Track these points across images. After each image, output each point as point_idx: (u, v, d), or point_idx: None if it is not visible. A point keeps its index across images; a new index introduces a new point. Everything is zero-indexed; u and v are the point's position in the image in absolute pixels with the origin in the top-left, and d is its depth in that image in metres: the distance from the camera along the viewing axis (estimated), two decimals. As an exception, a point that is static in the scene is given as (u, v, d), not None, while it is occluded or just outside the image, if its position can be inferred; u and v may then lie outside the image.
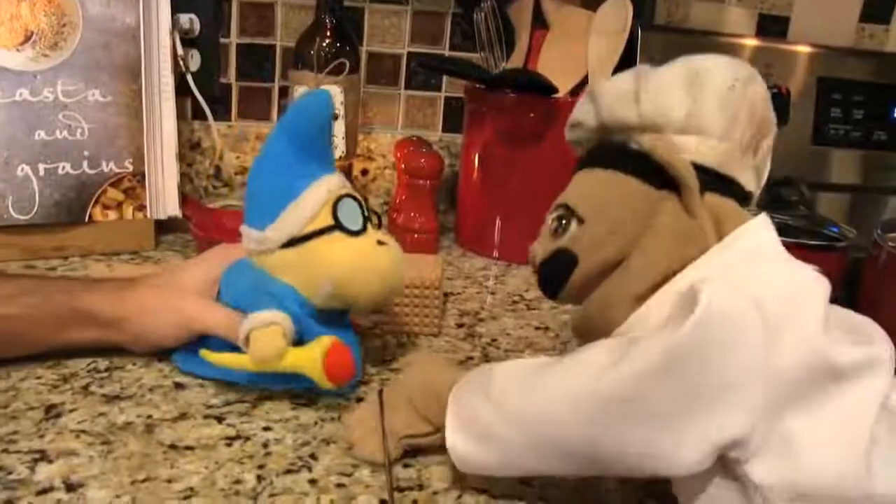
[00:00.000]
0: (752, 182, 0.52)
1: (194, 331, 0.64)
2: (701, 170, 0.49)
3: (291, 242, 0.61)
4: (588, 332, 0.51)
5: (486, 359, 0.73)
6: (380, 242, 0.62)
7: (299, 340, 0.61)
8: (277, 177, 0.62)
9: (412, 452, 0.56)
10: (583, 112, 0.56)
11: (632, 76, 0.52)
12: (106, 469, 0.51)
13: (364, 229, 0.62)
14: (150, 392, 0.61)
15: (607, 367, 0.43)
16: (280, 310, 0.60)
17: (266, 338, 0.59)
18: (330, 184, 0.62)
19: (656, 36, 1.18)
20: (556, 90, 0.97)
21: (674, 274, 0.47)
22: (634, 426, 0.42)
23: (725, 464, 0.43)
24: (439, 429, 0.53)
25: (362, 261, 0.61)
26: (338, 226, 0.61)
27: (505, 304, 0.88)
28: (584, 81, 1.05)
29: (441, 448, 0.53)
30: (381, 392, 0.59)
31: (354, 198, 0.63)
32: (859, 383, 0.44)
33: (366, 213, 0.63)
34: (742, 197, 0.51)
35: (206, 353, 0.61)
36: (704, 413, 0.41)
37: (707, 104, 0.49)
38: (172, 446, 0.54)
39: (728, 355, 0.41)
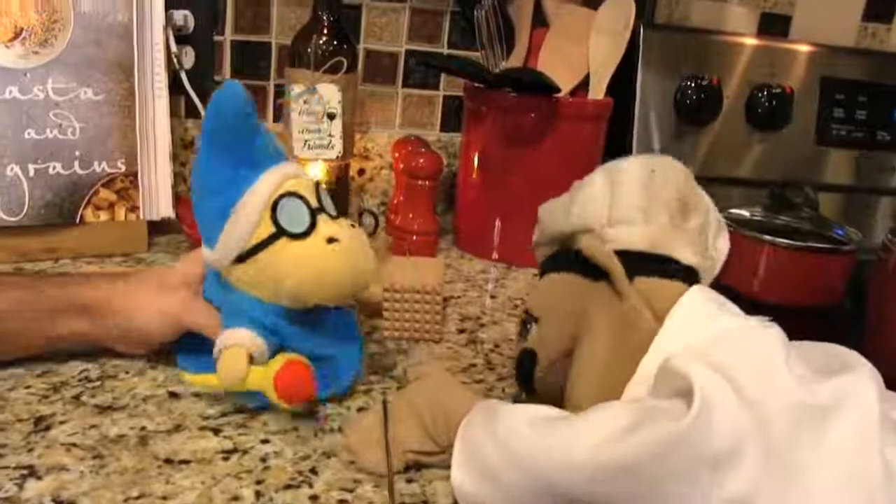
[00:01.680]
0: (692, 257, 0.55)
1: (181, 327, 0.62)
2: (634, 256, 0.54)
3: (241, 258, 0.58)
4: None
5: (489, 366, 0.72)
6: (331, 240, 0.58)
7: (280, 347, 0.60)
8: (209, 193, 0.58)
9: (416, 466, 0.54)
10: (535, 235, 0.64)
11: (568, 193, 0.60)
12: (97, 485, 0.49)
13: (312, 226, 0.58)
14: (143, 402, 0.59)
15: (617, 435, 0.43)
16: (249, 324, 0.59)
17: (229, 360, 0.57)
18: (265, 186, 0.58)
19: (657, 34, 1.16)
20: (558, 89, 0.95)
21: (625, 359, 0.50)
22: (640, 490, 0.43)
23: None
24: (444, 450, 0.52)
25: (313, 266, 0.58)
26: (280, 232, 0.58)
27: (506, 308, 0.86)
28: (585, 80, 1.03)
29: (440, 465, 0.53)
30: (385, 402, 0.58)
31: (295, 194, 0.59)
32: (845, 413, 0.44)
33: (314, 206, 0.59)
34: (685, 272, 0.54)
35: (186, 376, 0.61)
36: (707, 478, 0.42)
37: (625, 197, 0.56)
38: (167, 460, 0.52)
39: (726, 434, 0.41)
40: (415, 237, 0.99)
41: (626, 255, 0.53)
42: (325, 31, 1.00)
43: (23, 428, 0.54)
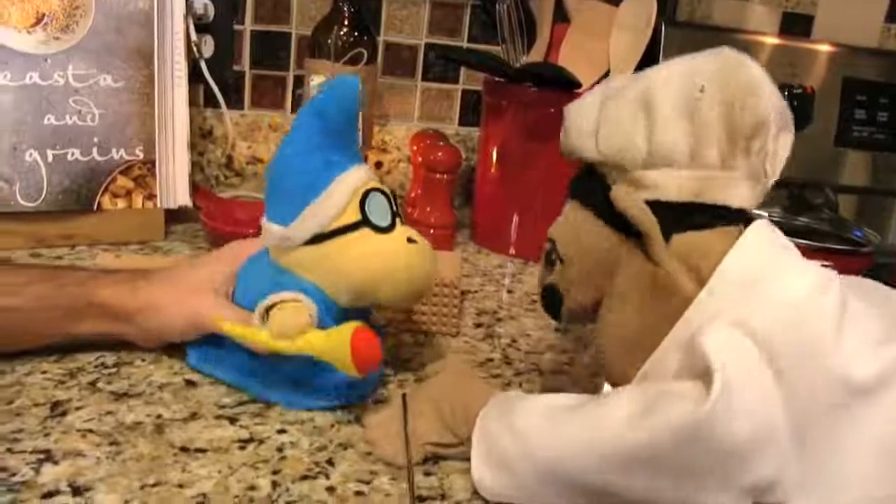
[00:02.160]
0: (746, 196, 0.47)
1: (206, 330, 0.61)
2: (674, 207, 0.46)
3: (316, 239, 0.57)
4: (609, 382, 0.52)
5: (507, 360, 0.71)
6: (410, 240, 0.59)
7: None
8: (303, 168, 0.58)
9: (434, 460, 0.54)
10: (562, 139, 0.54)
11: (596, 102, 0.50)
12: (114, 471, 0.48)
13: (393, 225, 0.59)
14: (159, 390, 0.59)
15: (632, 422, 0.42)
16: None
17: (291, 311, 0.56)
18: (358, 176, 0.58)
19: (679, 32, 1.16)
20: (578, 85, 0.94)
21: (658, 327, 0.46)
22: (661, 480, 0.42)
23: None
24: (463, 442, 0.52)
25: (392, 261, 0.58)
26: (365, 222, 0.58)
27: (524, 303, 0.86)
28: (605, 76, 1.02)
29: (459, 457, 0.53)
30: (404, 395, 0.58)
31: (383, 192, 0.60)
32: (889, 392, 0.42)
33: (395, 208, 0.60)
34: (735, 216, 0.47)
35: (223, 324, 0.58)
36: (728, 467, 0.41)
37: (665, 131, 0.46)
38: (183, 448, 0.52)
39: (749, 418, 0.40)
40: (432, 231, 0.98)
41: (664, 207, 0.46)
42: (346, 23, 0.99)
43: (39, 413, 0.54)
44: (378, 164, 1.18)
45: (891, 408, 0.42)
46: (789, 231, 0.89)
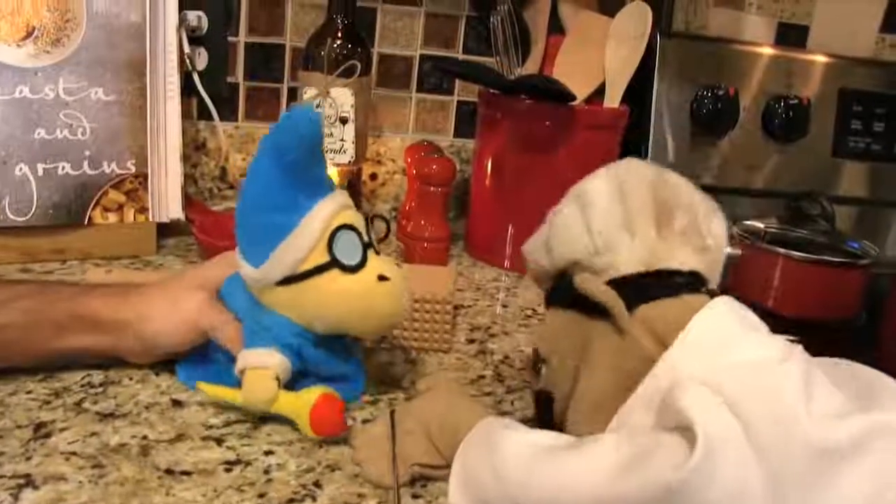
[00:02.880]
0: (692, 259, 0.52)
1: (196, 332, 0.61)
2: (632, 281, 0.51)
3: (287, 280, 0.57)
4: None
5: (499, 378, 0.70)
6: (381, 277, 0.58)
7: (298, 372, 0.60)
8: (266, 210, 0.57)
9: (422, 482, 0.53)
10: (528, 271, 0.60)
11: (545, 225, 0.57)
12: (96, 496, 0.48)
13: (364, 260, 0.58)
14: (146, 410, 0.58)
15: (615, 474, 0.41)
16: (275, 343, 0.58)
17: (258, 382, 0.57)
18: (324, 214, 0.57)
19: (674, 43, 1.15)
20: (573, 97, 0.94)
21: (626, 385, 0.47)
22: None
23: None
24: (451, 464, 0.51)
25: (362, 302, 0.58)
26: (334, 262, 0.57)
27: (518, 319, 0.85)
28: (601, 88, 1.02)
29: (446, 480, 0.51)
30: (392, 413, 0.57)
31: (352, 227, 0.59)
32: (864, 458, 0.41)
33: (366, 240, 0.60)
34: (689, 279, 0.51)
35: (201, 385, 0.59)
36: None
37: (602, 222, 0.52)
38: (168, 471, 0.51)
39: (727, 483, 0.39)
40: (426, 244, 0.98)
41: (623, 283, 0.51)
42: (340, 35, 0.99)
43: (22, 435, 0.53)
44: (373, 176, 1.17)
45: (868, 473, 0.41)
46: (786, 243, 0.90)
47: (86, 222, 0.87)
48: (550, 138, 0.96)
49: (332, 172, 1.00)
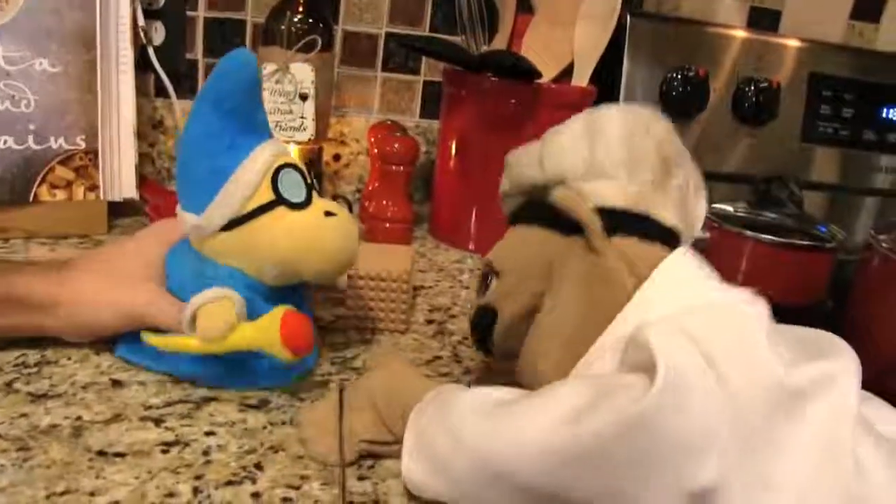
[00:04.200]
0: (673, 218, 0.51)
1: (138, 323, 0.58)
2: (612, 213, 0.49)
3: (231, 224, 0.55)
4: (534, 386, 0.49)
5: (456, 358, 0.68)
6: (328, 213, 0.57)
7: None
8: (207, 155, 0.55)
9: (369, 464, 0.51)
10: (503, 185, 0.60)
11: (540, 140, 0.54)
12: (18, 480, 0.45)
13: (308, 199, 0.57)
14: (82, 390, 0.55)
15: (573, 417, 0.39)
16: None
17: (216, 311, 0.54)
18: (266, 154, 0.56)
19: (645, 23, 1.13)
20: (540, 75, 0.92)
21: (596, 319, 0.46)
22: (599, 478, 0.39)
23: None
24: (400, 440, 0.49)
25: (310, 237, 0.56)
26: (280, 200, 0.56)
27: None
28: (569, 68, 1.00)
29: (396, 456, 0.49)
30: (341, 390, 0.55)
31: (294, 166, 0.58)
32: (823, 401, 0.41)
33: (309, 182, 0.58)
34: (665, 233, 0.50)
35: (148, 336, 0.57)
36: (672, 467, 0.38)
37: (606, 150, 0.51)
38: (101, 453, 0.48)
39: (690, 415, 0.38)
40: (388, 225, 0.95)
41: (603, 212, 0.49)
42: (300, 9, 0.96)
43: (-55, 415, 0.50)
44: (336, 157, 1.14)
45: (818, 420, 0.41)
46: (755, 226, 0.88)
47: (31, 199, 0.84)
48: (516, 117, 0.94)
49: (293, 150, 0.97)
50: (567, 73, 1.00)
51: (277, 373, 0.58)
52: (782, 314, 0.49)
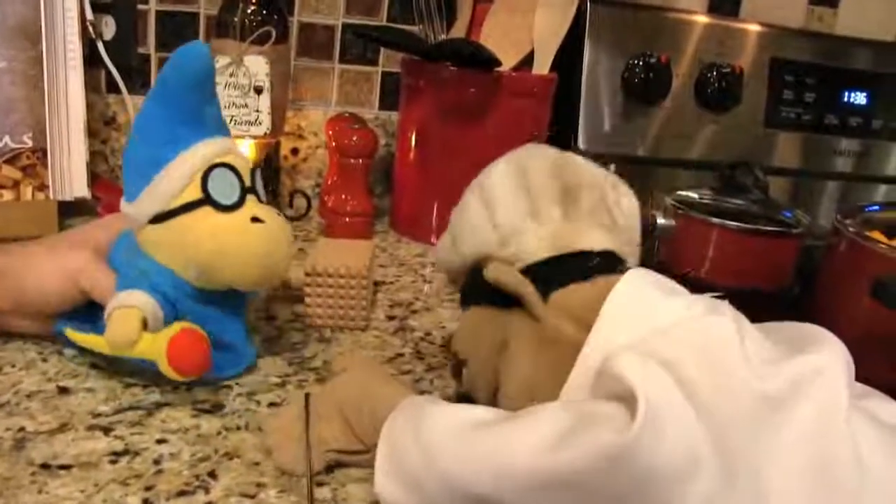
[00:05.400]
0: (603, 239, 0.51)
1: (79, 286, 0.56)
2: (543, 266, 0.49)
3: (159, 218, 0.54)
4: None
5: (419, 355, 0.66)
6: (255, 219, 0.55)
7: (175, 321, 0.55)
8: (147, 143, 0.55)
9: (330, 467, 0.49)
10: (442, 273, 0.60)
11: (448, 229, 0.56)
12: (-47, 497, 0.43)
13: (240, 203, 0.55)
14: (27, 399, 0.53)
15: (551, 445, 0.37)
16: (149, 290, 0.54)
17: (122, 321, 0.53)
18: (203, 151, 0.55)
19: (605, 10, 1.12)
20: (499, 63, 0.90)
21: (554, 380, 0.45)
22: None
23: None
24: (370, 449, 0.47)
25: (232, 242, 0.54)
26: (207, 200, 0.54)
27: (441, 294, 0.81)
28: (529, 56, 0.98)
29: (364, 465, 0.47)
30: (307, 395, 0.52)
31: (230, 167, 0.56)
32: (806, 399, 0.40)
33: (247, 185, 0.56)
34: (605, 261, 0.50)
35: (68, 332, 0.56)
36: (658, 497, 0.37)
37: (504, 210, 0.51)
38: (44, 466, 0.46)
39: (674, 443, 0.36)
40: (348, 219, 0.94)
41: (535, 270, 0.49)
42: (254, 1, 0.93)
43: None
44: (294, 151, 1.12)
45: (807, 419, 0.39)
46: (720, 213, 0.88)
47: (-25, 200, 0.81)
48: (476, 107, 0.92)
49: (249, 145, 0.94)
50: (527, 61, 0.98)
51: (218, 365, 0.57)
52: (749, 300, 0.48)
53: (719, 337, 0.41)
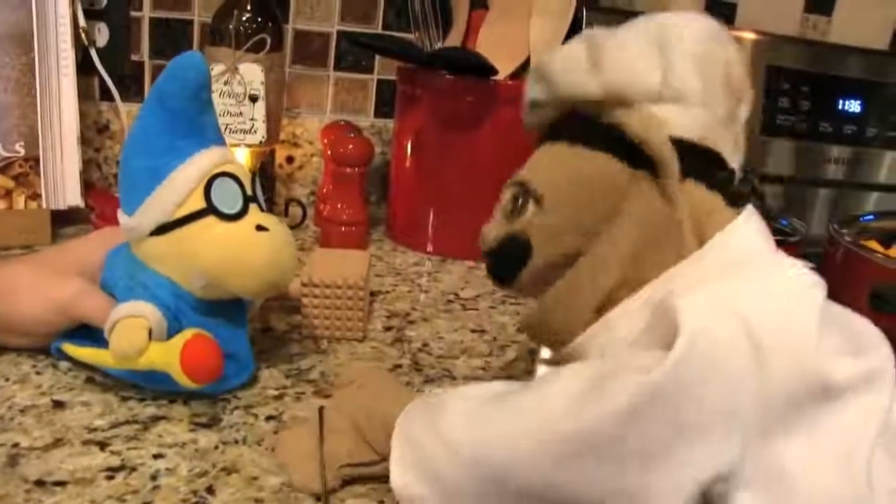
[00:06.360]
0: (732, 157, 0.45)
1: (71, 317, 0.56)
2: (682, 147, 0.42)
3: (161, 229, 0.54)
4: (543, 334, 0.46)
5: (417, 367, 0.66)
6: (259, 227, 0.55)
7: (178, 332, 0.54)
8: (145, 154, 0.54)
9: (344, 482, 0.48)
10: (535, 91, 0.48)
11: (583, 42, 0.45)
12: (-54, 516, 0.42)
13: (244, 211, 0.55)
14: (21, 414, 0.52)
15: (575, 405, 0.36)
16: (152, 301, 0.53)
17: (127, 331, 0.52)
18: (204, 161, 0.54)
19: (601, 18, 1.11)
20: (495, 71, 0.90)
21: (642, 277, 0.41)
22: (604, 470, 0.36)
23: (709, 499, 0.36)
24: (385, 457, 0.45)
25: (237, 250, 0.54)
26: (210, 209, 0.54)
27: (439, 304, 0.81)
28: (525, 64, 0.98)
29: (379, 475, 0.46)
30: (321, 409, 0.51)
31: (232, 176, 0.55)
32: (856, 400, 0.38)
33: (248, 194, 0.56)
34: (724, 177, 0.44)
35: (67, 347, 0.56)
36: (686, 453, 0.35)
37: (683, 67, 0.43)
38: (39, 482, 0.45)
39: (714, 391, 0.34)
40: (343, 228, 0.93)
41: (676, 147, 0.42)
42: (249, 7, 0.93)
43: None
44: (289, 159, 1.11)
45: (853, 420, 0.38)
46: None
47: (-33, 209, 0.80)
48: (472, 115, 0.92)
49: (244, 154, 0.94)
50: (523, 68, 0.98)
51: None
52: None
53: (805, 313, 0.38)
